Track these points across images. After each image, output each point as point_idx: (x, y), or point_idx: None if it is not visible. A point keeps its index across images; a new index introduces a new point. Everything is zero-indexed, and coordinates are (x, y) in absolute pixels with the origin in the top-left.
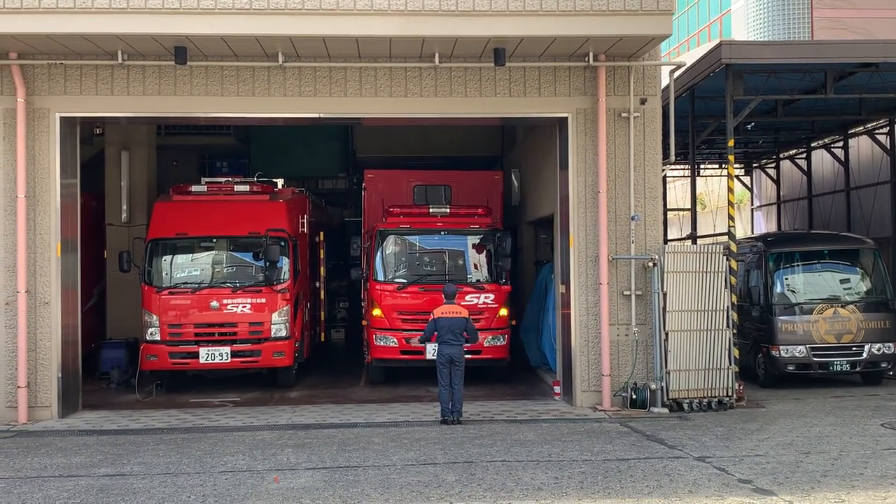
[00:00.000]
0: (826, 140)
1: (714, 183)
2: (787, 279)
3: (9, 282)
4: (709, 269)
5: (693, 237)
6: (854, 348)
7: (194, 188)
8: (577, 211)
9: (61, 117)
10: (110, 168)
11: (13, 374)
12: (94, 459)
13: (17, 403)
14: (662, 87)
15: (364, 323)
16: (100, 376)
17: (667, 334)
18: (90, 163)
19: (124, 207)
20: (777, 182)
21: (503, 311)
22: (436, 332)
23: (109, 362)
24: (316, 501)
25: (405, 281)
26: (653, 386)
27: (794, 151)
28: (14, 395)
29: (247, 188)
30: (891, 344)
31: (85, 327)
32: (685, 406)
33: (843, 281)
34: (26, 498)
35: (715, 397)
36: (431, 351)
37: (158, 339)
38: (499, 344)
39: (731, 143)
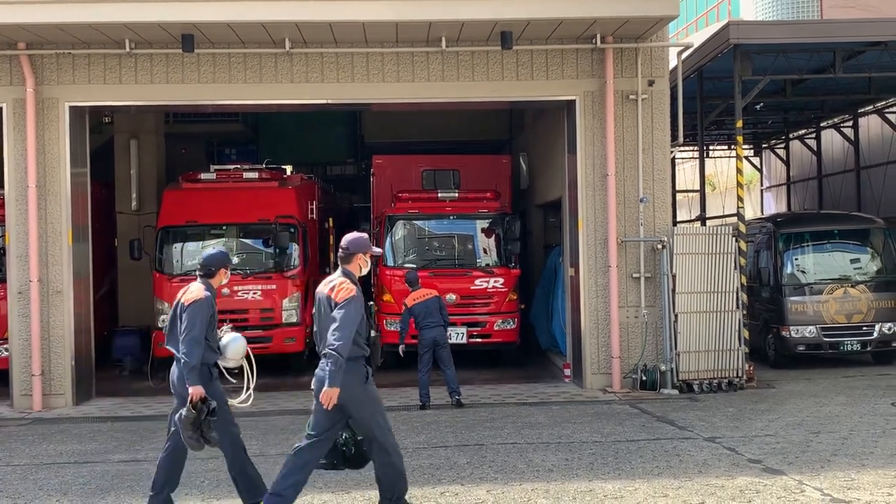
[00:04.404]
0: (835, 119)
1: (723, 164)
2: (796, 259)
3: (21, 271)
4: (718, 251)
5: (702, 219)
6: (865, 328)
7: (203, 176)
8: (586, 194)
9: (70, 106)
10: (119, 156)
11: (27, 363)
12: (109, 446)
13: (32, 391)
14: (670, 68)
15: (374, 308)
16: (113, 364)
17: (676, 316)
18: (99, 151)
19: (134, 195)
20: (786, 162)
21: (513, 295)
22: (413, 319)
23: (122, 350)
24: (328, 485)
25: (415, 266)
26: (662, 367)
27: (803, 131)
28: (29, 384)
29: (256, 175)
30: None
31: (97, 315)
32: (695, 387)
33: (853, 261)
34: (43, 484)
35: (725, 378)
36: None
37: None
38: (508, 327)
39: (739, 123)
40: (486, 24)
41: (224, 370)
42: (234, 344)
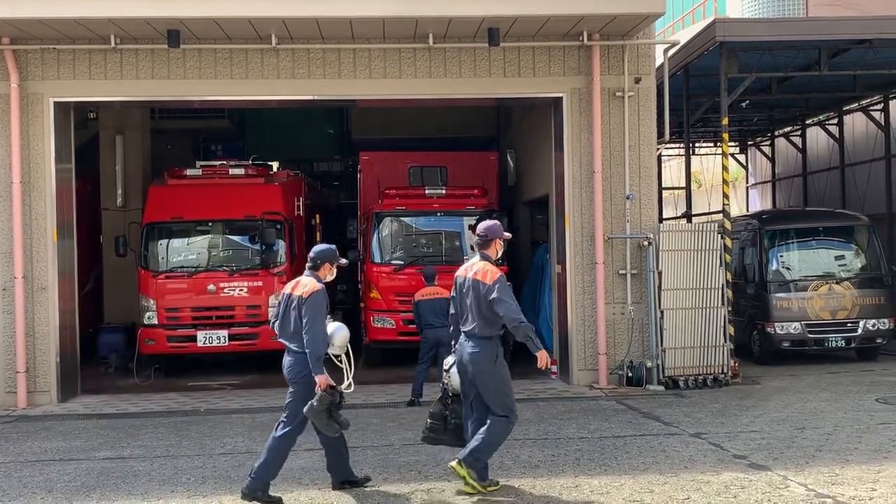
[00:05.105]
0: (821, 117)
1: (709, 161)
2: (781, 256)
3: (5, 267)
4: (704, 248)
5: (688, 216)
6: (849, 324)
7: (189, 172)
8: (573, 191)
9: (55, 102)
10: (105, 152)
11: (12, 360)
12: (94, 443)
13: (17, 388)
14: (657, 65)
15: (361, 305)
16: (98, 361)
17: (662, 312)
18: (84, 147)
19: (119, 192)
20: (772, 160)
21: None
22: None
23: (107, 347)
24: (315, 482)
25: (402, 262)
26: (648, 364)
27: (788, 129)
28: (13, 381)
29: (242, 171)
30: (885, 320)
31: (82, 312)
32: (681, 383)
33: (837, 257)
34: (28, 482)
35: (710, 374)
36: None
37: (156, 323)
38: None
39: (725, 121)
40: (474, 20)
41: (332, 357)
42: (339, 332)
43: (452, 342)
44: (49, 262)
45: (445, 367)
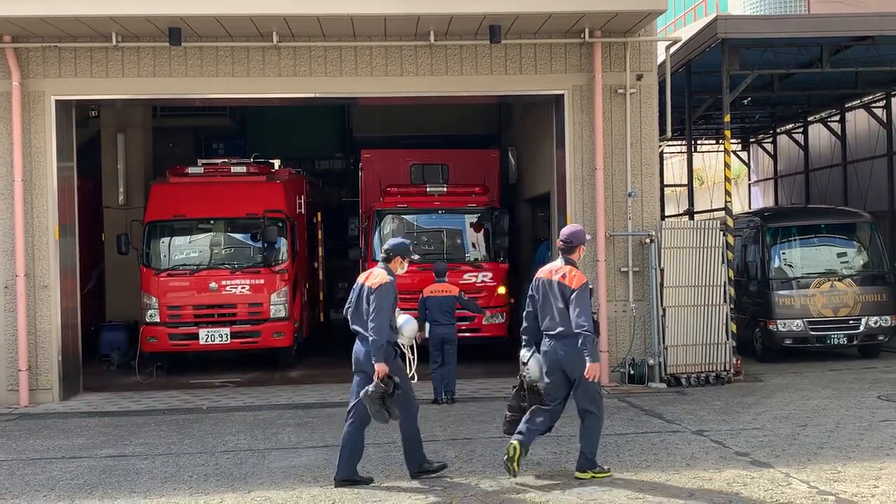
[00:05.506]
0: (823, 114)
1: (711, 158)
2: (784, 253)
3: (7, 266)
4: (706, 245)
5: (690, 213)
6: (851, 322)
7: (191, 170)
8: (574, 188)
9: (56, 100)
10: (106, 151)
11: (14, 358)
12: (97, 441)
13: (19, 386)
14: (658, 62)
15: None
16: (100, 359)
17: (664, 310)
18: (86, 145)
19: (121, 190)
20: (774, 157)
21: (501, 289)
22: (427, 312)
23: (109, 344)
24: (318, 479)
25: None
26: (650, 361)
27: (790, 126)
28: (15, 379)
29: (243, 169)
30: (888, 317)
31: (84, 310)
32: (683, 381)
33: (840, 255)
34: (30, 479)
35: (712, 372)
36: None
37: (158, 320)
38: (497, 322)
39: (727, 118)
40: (475, 18)
41: (401, 345)
42: (408, 324)
43: (524, 337)
44: (51, 260)
45: (523, 360)
